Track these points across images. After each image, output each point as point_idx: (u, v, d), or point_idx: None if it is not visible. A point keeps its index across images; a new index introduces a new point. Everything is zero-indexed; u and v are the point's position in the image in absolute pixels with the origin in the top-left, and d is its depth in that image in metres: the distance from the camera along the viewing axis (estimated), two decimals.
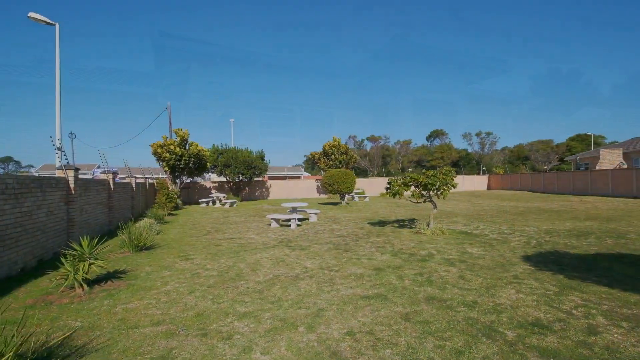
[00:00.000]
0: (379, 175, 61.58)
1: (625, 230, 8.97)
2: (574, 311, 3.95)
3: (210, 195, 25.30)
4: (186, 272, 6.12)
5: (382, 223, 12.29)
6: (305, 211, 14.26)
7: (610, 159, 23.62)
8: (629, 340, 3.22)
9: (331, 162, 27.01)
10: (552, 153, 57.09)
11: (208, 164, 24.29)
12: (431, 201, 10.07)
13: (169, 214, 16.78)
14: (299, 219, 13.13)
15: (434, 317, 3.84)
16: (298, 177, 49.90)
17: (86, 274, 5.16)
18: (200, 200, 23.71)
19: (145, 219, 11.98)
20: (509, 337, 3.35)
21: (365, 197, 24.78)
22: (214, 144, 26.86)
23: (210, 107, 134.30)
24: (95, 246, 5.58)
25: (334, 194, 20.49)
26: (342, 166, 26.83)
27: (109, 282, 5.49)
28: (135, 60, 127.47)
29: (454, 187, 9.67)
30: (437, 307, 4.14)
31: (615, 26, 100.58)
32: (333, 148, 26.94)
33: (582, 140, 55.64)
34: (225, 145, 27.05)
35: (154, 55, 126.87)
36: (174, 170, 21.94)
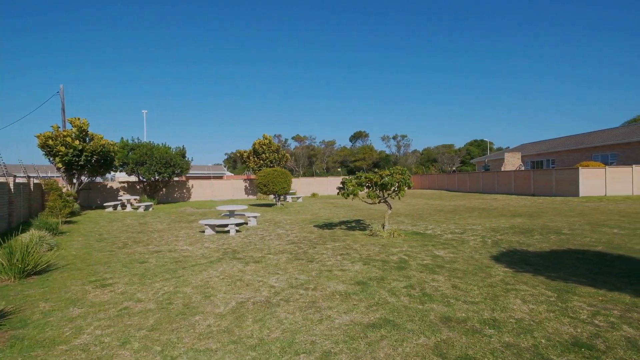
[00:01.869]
0: (305, 175, 61.57)
1: (556, 226, 9.83)
2: (596, 321, 3.65)
3: (119, 198, 21.55)
4: (108, 307, 4.39)
5: (329, 226, 11.57)
6: (244, 215, 12.76)
7: (512, 162, 27.29)
8: None
9: (262, 162, 25.50)
10: (455, 156, 64.43)
11: (116, 161, 20.59)
12: (386, 202, 9.68)
13: (65, 222, 13.46)
14: (237, 224, 11.61)
15: (470, 348, 3.12)
16: (221, 177, 46.87)
17: None
18: (105, 204, 19.97)
19: (31, 229, 9.13)
20: None
21: (299, 197, 23.96)
22: (122, 138, 23.03)
23: (118, 99, 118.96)
24: None
25: (268, 194, 19.17)
26: (274, 165, 25.56)
27: None
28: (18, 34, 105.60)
29: (410, 187, 9.43)
30: (463, 332, 3.45)
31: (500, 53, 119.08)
32: (264, 146, 25.46)
33: (478, 145, 64.06)
34: (138, 139, 23.43)
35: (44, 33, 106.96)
36: (70, 168, 17.96)
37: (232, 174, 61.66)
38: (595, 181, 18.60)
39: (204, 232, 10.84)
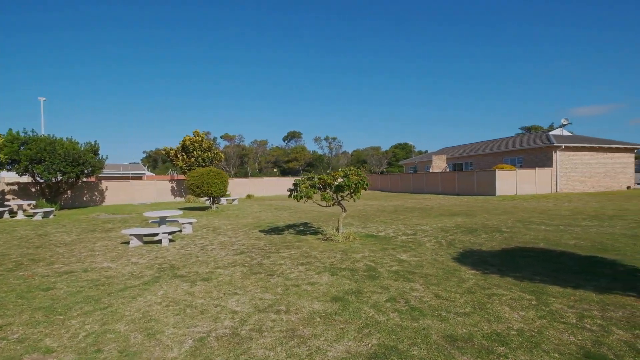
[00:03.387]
0: (237, 175, 58.83)
1: (494, 225, 10.50)
2: (587, 325, 3.62)
3: (6, 204, 17.56)
4: None
5: (276, 230, 10.76)
6: (177, 221, 11.19)
7: (439, 164, 29.53)
8: None
9: (192, 160, 23.27)
10: (382, 157, 68.10)
11: (2, 156, 16.71)
12: (340, 204, 9.25)
13: None
14: (170, 232, 10.11)
15: None
16: (140, 177, 42.29)
17: None
18: None
19: None
20: None
21: (234, 199, 22.45)
22: (10, 129, 18.86)
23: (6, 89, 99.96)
24: None
25: (202, 196, 17.45)
26: (206, 164, 23.55)
27: None
28: None
29: (366, 189, 9.16)
30: (476, 354, 3.07)
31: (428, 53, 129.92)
32: (195, 144, 23.26)
33: (402, 148, 68.70)
34: (33, 132, 19.43)
35: None
36: None
37: (153, 174, 56.17)
38: (508, 182, 21.01)
39: (128, 243, 9.15)
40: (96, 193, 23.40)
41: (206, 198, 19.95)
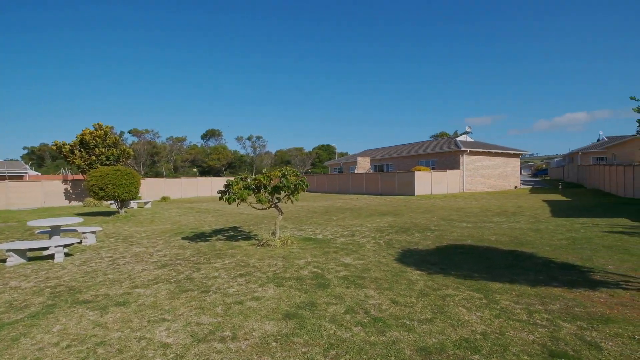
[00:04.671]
0: (147, 175, 52.92)
1: (422, 223, 11.04)
2: (538, 321, 3.75)
3: None
4: None
5: (202, 237, 9.66)
6: (76, 230, 9.22)
7: (363, 165, 30.71)
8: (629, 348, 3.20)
9: (94, 158, 19.90)
10: (306, 158, 68.79)
11: None
12: (276, 207, 8.66)
13: None
14: (66, 245, 8.26)
15: None
16: (21, 177, 35.34)
17: None
18: None
19: None
20: None
21: (147, 202, 19.93)
22: None
23: None
24: None
25: (107, 199, 14.97)
26: (111, 162, 20.41)
27: None
28: None
29: (305, 190, 8.72)
30: None
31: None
32: (97, 138, 19.92)
33: (325, 149, 70.39)
34: None
35: None
36: None
37: (39, 174, 47.37)
38: (425, 182, 22.87)
39: (4, 262, 7.17)
40: None
41: (112, 202, 17.33)
